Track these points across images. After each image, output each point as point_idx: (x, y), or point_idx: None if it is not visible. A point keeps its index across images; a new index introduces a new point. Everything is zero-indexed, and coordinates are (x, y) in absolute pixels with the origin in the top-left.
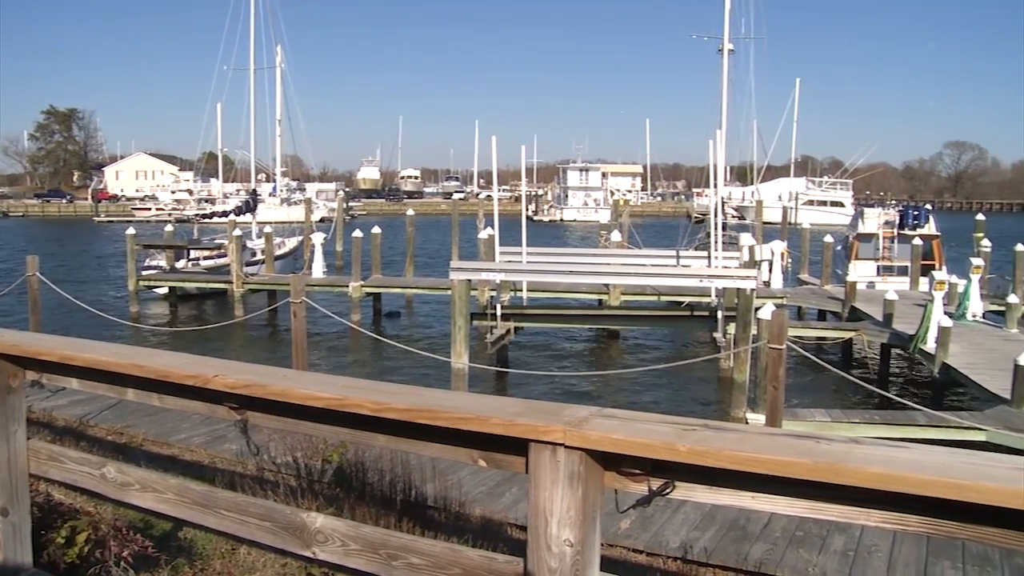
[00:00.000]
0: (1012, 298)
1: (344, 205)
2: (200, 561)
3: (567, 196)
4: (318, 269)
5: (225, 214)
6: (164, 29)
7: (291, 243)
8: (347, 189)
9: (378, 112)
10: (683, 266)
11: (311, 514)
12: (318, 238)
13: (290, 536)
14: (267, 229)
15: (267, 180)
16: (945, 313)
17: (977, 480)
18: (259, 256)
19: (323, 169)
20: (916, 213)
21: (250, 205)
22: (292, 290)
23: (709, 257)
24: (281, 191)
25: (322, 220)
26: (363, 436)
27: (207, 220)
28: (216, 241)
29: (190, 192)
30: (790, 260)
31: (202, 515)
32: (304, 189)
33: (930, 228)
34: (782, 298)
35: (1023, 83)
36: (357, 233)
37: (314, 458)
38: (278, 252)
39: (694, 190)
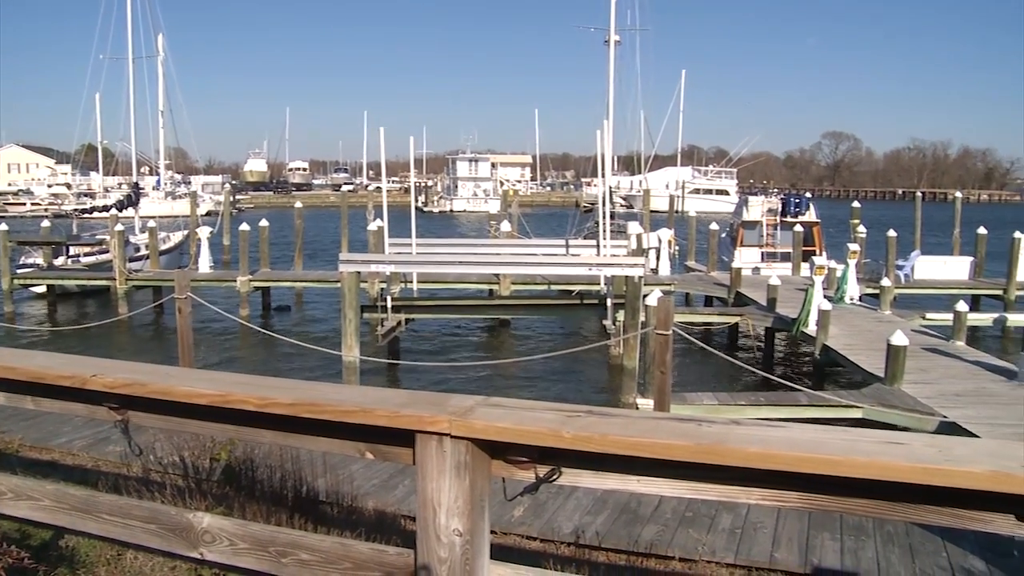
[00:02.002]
0: (885, 281)
1: (231, 198)
2: (83, 569)
3: (457, 187)
4: (205, 264)
5: (106, 209)
6: (33, 13)
7: (176, 238)
8: (234, 182)
9: (265, 103)
10: (572, 255)
11: (197, 514)
12: (204, 232)
13: (176, 538)
14: (151, 224)
15: (150, 173)
16: (825, 297)
17: (848, 455)
18: (143, 252)
19: (209, 162)
20: (797, 201)
21: (132, 199)
22: (177, 286)
23: (598, 246)
24: (165, 184)
25: (208, 214)
26: (249, 432)
27: (87, 215)
28: (97, 237)
29: (68, 186)
30: (677, 248)
31: (82, 521)
32: (189, 182)
33: (811, 215)
34: (670, 285)
35: (896, 76)
36: (244, 226)
37: (202, 457)
38: (163, 247)
39: (583, 180)
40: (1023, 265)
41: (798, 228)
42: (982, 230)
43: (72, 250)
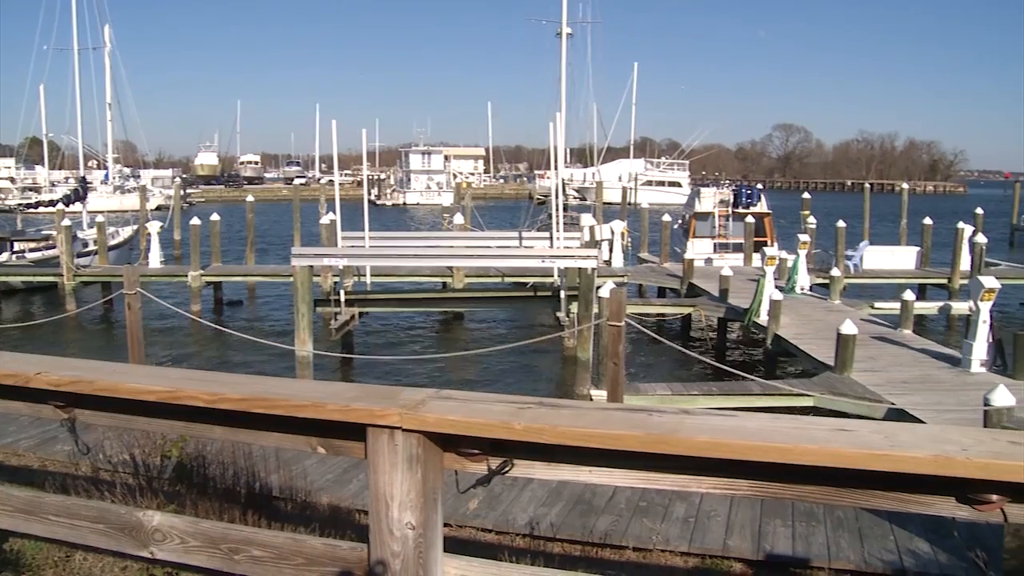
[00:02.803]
0: (835, 271)
1: (181, 192)
2: (29, 572)
3: (410, 180)
4: (155, 259)
5: (52, 203)
6: None
7: (126, 232)
8: (184, 176)
9: (215, 96)
10: (526, 247)
11: (147, 512)
12: (154, 227)
13: (126, 537)
14: (99, 218)
15: (98, 167)
16: (776, 287)
17: (797, 443)
18: (92, 247)
19: (158, 155)
20: (749, 192)
21: (80, 193)
22: (126, 281)
23: (551, 238)
24: (113, 178)
25: (158, 208)
26: (200, 428)
27: (32, 210)
28: (43, 232)
29: (12, 180)
30: (630, 239)
31: (26, 522)
32: (138, 176)
33: (762, 206)
34: (623, 276)
35: (845, 69)
36: (195, 220)
37: (153, 454)
38: (112, 242)
39: (536, 172)
40: (967, 255)
41: (750, 219)
42: (928, 221)
43: (17, 246)
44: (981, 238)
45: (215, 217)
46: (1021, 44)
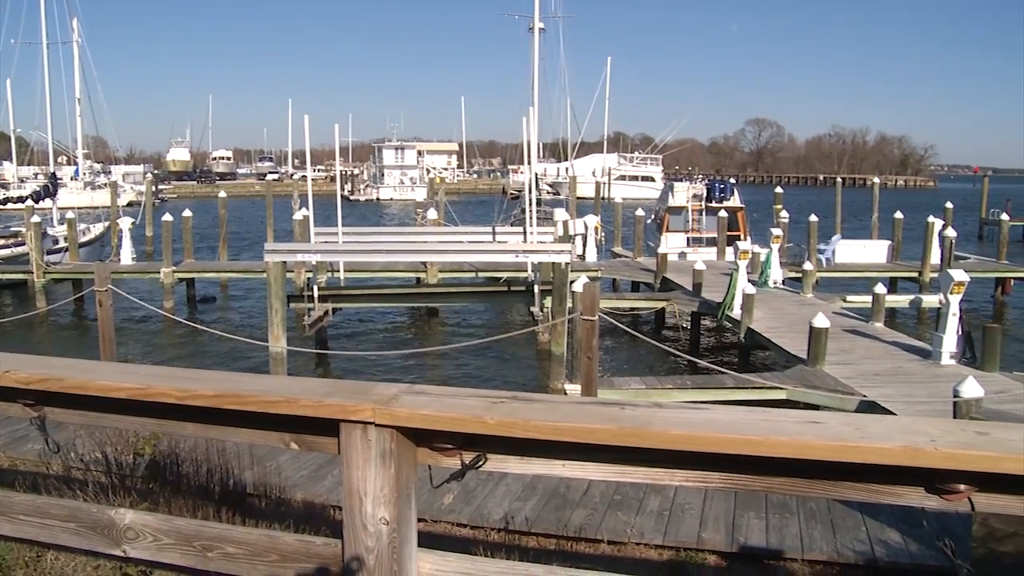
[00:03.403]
0: (807, 265)
1: (153, 188)
2: None
3: (383, 175)
4: (127, 255)
5: (22, 200)
6: None
7: (97, 229)
8: (156, 172)
9: (187, 91)
10: (499, 242)
11: (119, 511)
12: (126, 223)
13: (98, 536)
14: (69, 215)
15: (68, 163)
16: (749, 281)
17: (768, 435)
18: (62, 244)
19: (129, 151)
20: (722, 187)
21: (50, 190)
22: (97, 278)
23: (524, 233)
24: (84, 174)
25: (130, 204)
26: (171, 425)
27: (1, 207)
28: (12, 229)
29: None
30: (603, 234)
31: None
32: (109, 172)
33: (735, 201)
34: (596, 271)
35: (817, 64)
36: (167, 217)
37: (125, 452)
38: (83, 239)
39: (509, 167)
40: (937, 248)
41: (723, 213)
42: (899, 215)
43: None
44: (951, 232)
45: (187, 213)
46: (991, 41)
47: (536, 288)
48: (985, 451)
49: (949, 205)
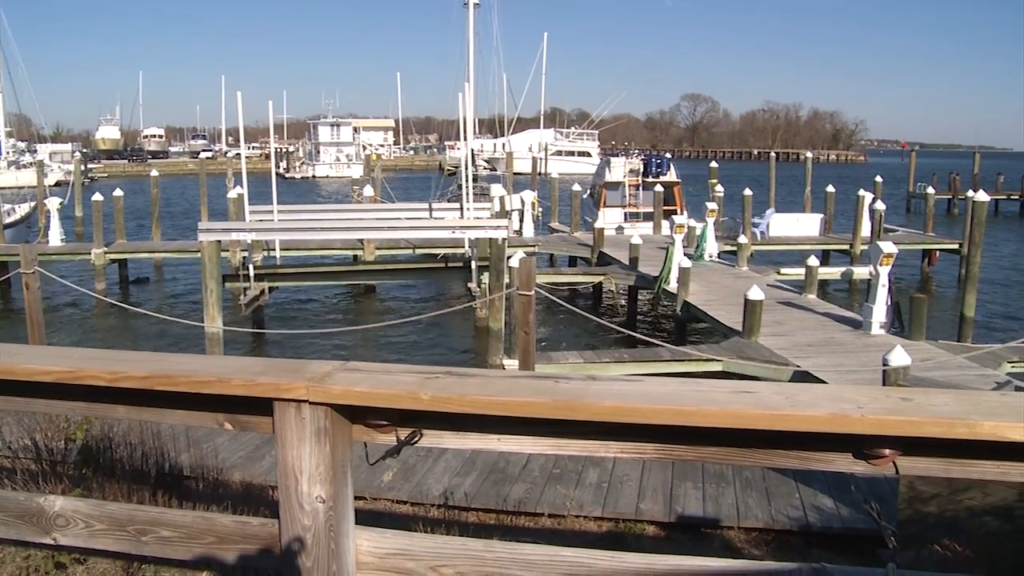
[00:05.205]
0: (742, 239)
1: (82, 167)
2: None
3: (318, 152)
4: (55, 236)
5: None
6: None
7: (23, 209)
8: (85, 150)
9: (116, 67)
10: (436, 218)
11: (49, 498)
12: (54, 203)
13: (26, 525)
14: None
15: None
16: (685, 255)
17: (700, 406)
18: None
19: (56, 129)
20: (658, 162)
21: None
22: (23, 260)
23: (461, 209)
24: (7, 153)
25: (57, 184)
26: (102, 409)
27: None
28: None
29: None
30: (540, 209)
31: None
32: (35, 151)
33: (671, 176)
34: (534, 246)
35: (751, 40)
36: (97, 196)
37: (56, 438)
38: (7, 220)
39: (446, 143)
40: (867, 221)
41: (659, 188)
42: (831, 188)
43: None
44: (880, 205)
45: (118, 193)
46: (917, 18)
47: (473, 264)
48: (908, 416)
49: (879, 179)
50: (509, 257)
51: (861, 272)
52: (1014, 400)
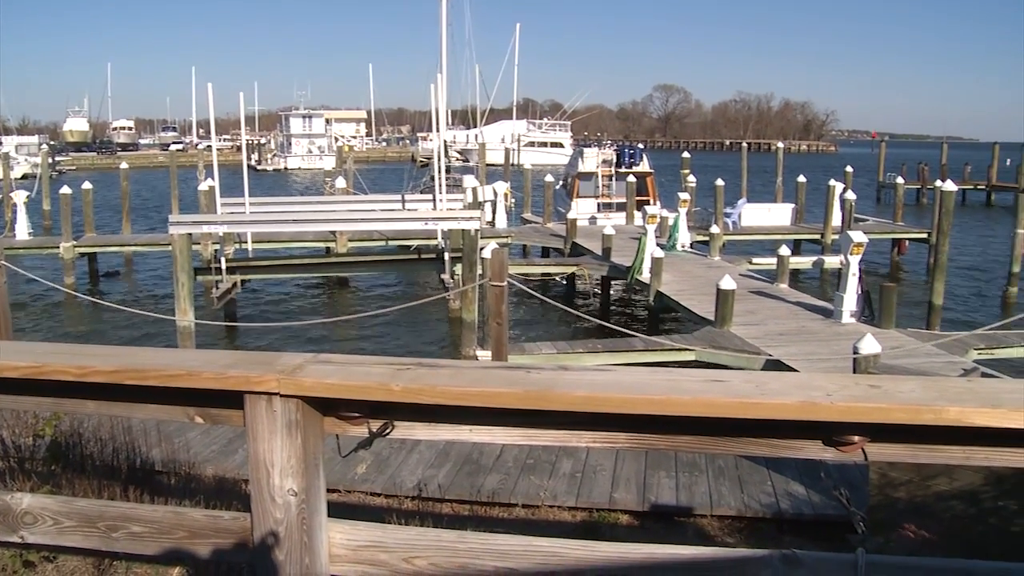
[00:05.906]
0: (714, 228)
1: (49, 160)
2: None
3: (290, 144)
4: (22, 230)
5: None
6: None
7: None
8: (52, 143)
9: (84, 58)
10: (409, 210)
11: (15, 495)
12: (20, 196)
13: None
14: None
15: None
16: (658, 245)
17: (671, 394)
18: None
19: (22, 121)
20: (631, 152)
21: None
22: None
23: (434, 200)
24: None
25: (24, 177)
26: (71, 404)
27: None
28: None
29: None
30: (513, 200)
31: None
32: (0, 144)
33: (644, 166)
34: (507, 237)
35: (723, 31)
36: (66, 189)
37: (24, 435)
38: None
39: (419, 134)
40: (838, 211)
41: (632, 179)
42: (802, 178)
43: None
44: (851, 195)
45: (87, 186)
46: (886, 10)
47: (446, 255)
48: (877, 403)
49: (849, 169)
50: (482, 248)
51: (832, 261)
52: (979, 386)
